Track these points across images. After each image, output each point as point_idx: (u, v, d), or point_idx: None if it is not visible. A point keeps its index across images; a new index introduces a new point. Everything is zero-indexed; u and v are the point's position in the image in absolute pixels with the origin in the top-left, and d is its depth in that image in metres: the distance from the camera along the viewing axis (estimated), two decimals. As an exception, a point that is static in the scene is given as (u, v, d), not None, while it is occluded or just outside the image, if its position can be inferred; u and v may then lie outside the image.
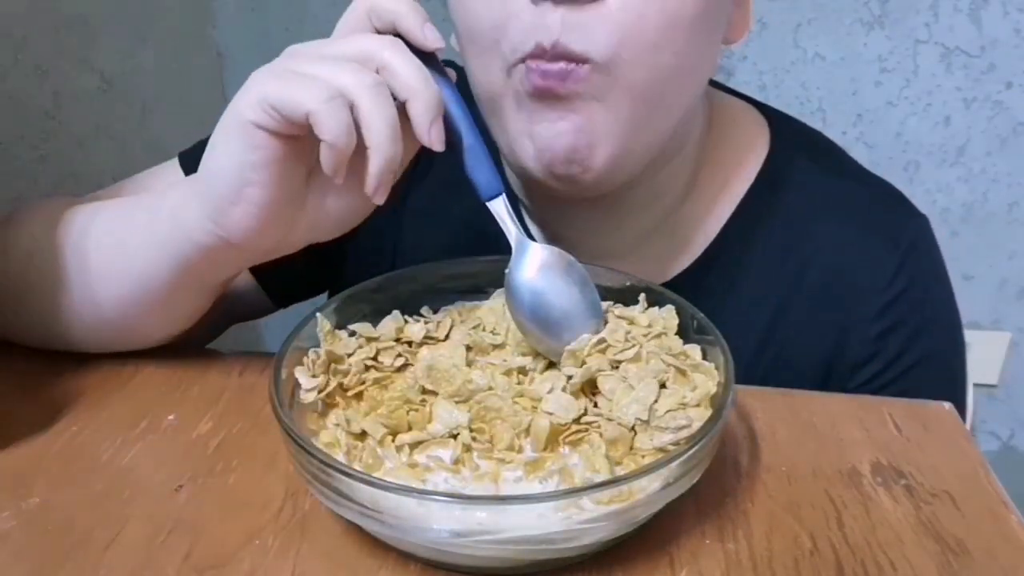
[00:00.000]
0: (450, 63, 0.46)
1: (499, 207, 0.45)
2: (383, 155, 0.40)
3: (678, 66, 0.47)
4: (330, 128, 0.39)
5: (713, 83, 0.61)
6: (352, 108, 0.40)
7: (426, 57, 0.43)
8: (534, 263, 0.44)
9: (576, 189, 0.51)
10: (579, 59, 0.45)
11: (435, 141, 0.41)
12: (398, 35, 0.43)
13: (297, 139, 0.41)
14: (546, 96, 0.46)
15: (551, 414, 0.40)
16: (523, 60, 0.46)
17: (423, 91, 0.41)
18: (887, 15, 1.15)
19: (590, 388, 0.42)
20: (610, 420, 0.40)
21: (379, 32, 0.43)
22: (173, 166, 0.61)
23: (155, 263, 0.47)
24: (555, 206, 0.58)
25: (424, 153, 0.43)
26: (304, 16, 1.25)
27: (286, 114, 0.40)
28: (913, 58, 1.17)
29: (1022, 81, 1.17)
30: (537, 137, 0.48)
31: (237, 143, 0.41)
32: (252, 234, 0.44)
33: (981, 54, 1.16)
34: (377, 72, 0.41)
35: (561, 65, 0.45)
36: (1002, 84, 1.17)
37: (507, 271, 0.45)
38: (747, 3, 0.53)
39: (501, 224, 0.45)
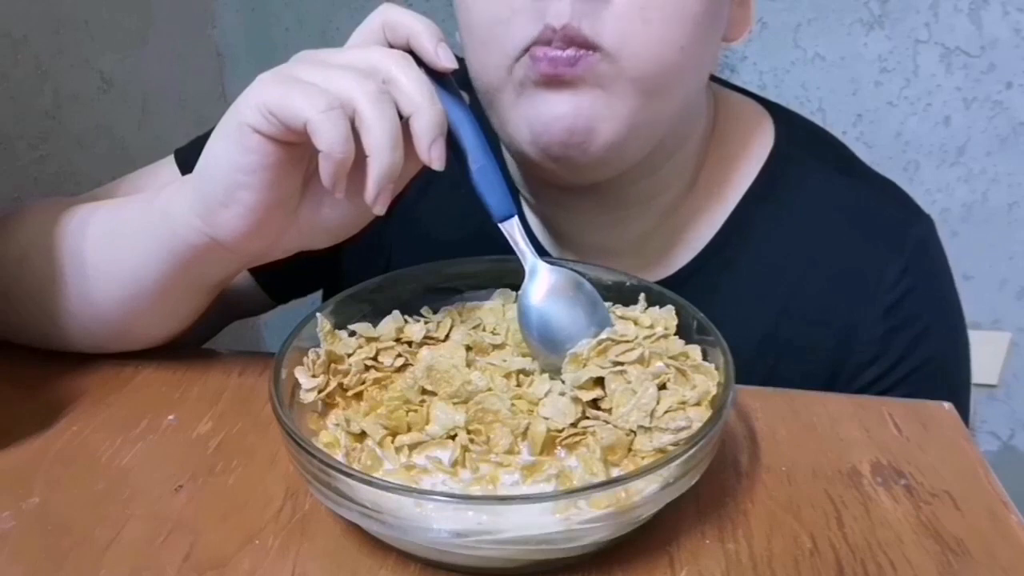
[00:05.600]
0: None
1: (511, 229, 0.45)
2: (382, 162, 0.39)
3: (682, 60, 0.47)
4: (327, 138, 0.38)
5: (718, 79, 0.61)
6: (353, 117, 0.39)
7: (440, 78, 0.43)
8: (543, 287, 0.45)
9: (573, 173, 0.50)
10: (590, 45, 0.45)
11: (435, 160, 0.41)
12: (412, 53, 0.43)
13: (295, 146, 0.41)
14: (552, 82, 0.46)
15: (547, 419, 0.40)
16: (528, 49, 0.46)
17: (427, 108, 0.40)
18: (887, 15, 1.15)
19: (592, 387, 0.42)
20: (607, 424, 0.40)
21: (393, 48, 0.43)
22: (169, 164, 0.61)
23: (147, 261, 0.47)
24: (558, 201, 0.57)
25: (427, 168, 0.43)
26: (304, 16, 1.24)
27: (284, 121, 0.39)
28: (913, 58, 1.17)
29: (1022, 81, 1.17)
30: (536, 119, 0.47)
31: (233, 145, 0.41)
32: (241, 236, 0.44)
33: (981, 54, 1.16)
34: (384, 84, 0.40)
35: (570, 52, 0.45)
36: (1002, 84, 1.17)
37: (519, 293, 0.45)
38: (748, 1, 0.53)
39: (513, 246, 0.45)
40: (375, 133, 0.39)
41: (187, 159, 0.59)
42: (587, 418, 0.40)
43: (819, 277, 0.58)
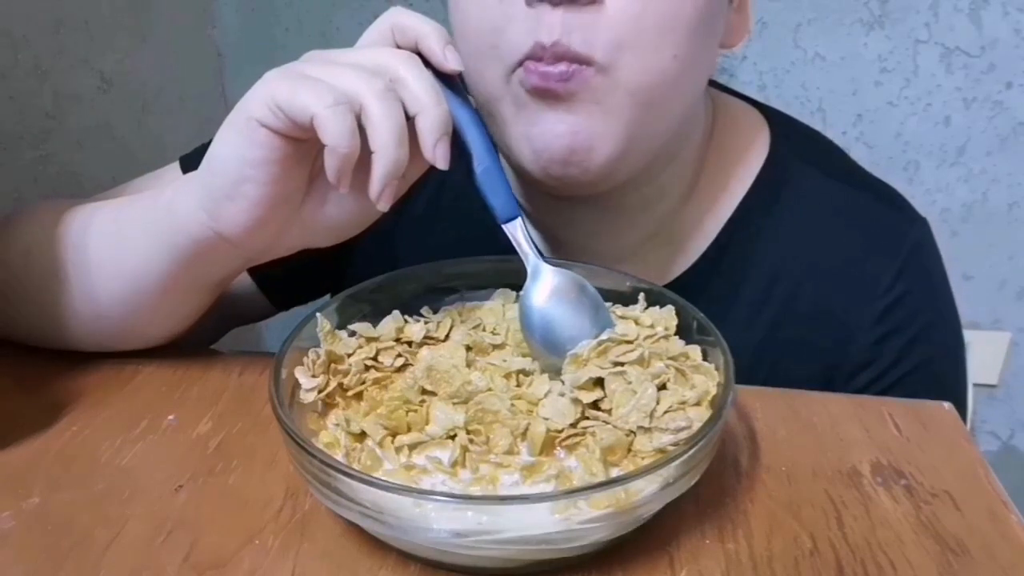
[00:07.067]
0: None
1: (515, 230, 0.45)
2: (387, 158, 0.40)
3: (676, 69, 0.47)
4: (333, 133, 0.39)
5: (715, 84, 0.61)
6: (359, 114, 0.40)
7: (447, 80, 0.44)
8: (546, 289, 0.45)
9: (573, 189, 0.51)
10: (582, 60, 0.45)
11: (439, 159, 0.41)
12: (420, 55, 0.43)
13: (301, 142, 0.42)
14: (546, 96, 0.46)
15: (547, 419, 0.40)
16: (521, 63, 0.46)
17: (433, 108, 0.41)
18: (887, 15, 1.15)
19: (592, 388, 0.42)
20: (607, 424, 0.39)
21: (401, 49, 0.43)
22: (173, 169, 0.61)
23: (151, 257, 0.47)
24: (556, 210, 0.58)
25: (431, 169, 0.43)
26: (304, 16, 1.25)
27: (291, 115, 0.40)
28: (913, 58, 1.17)
29: (1022, 81, 1.17)
30: (535, 139, 0.48)
31: (240, 138, 0.42)
32: (244, 231, 0.44)
33: (981, 54, 1.16)
34: (391, 83, 0.41)
35: (562, 67, 0.45)
36: (1002, 84, 1.17)
37: (521, 294, 0.45)
38: (746, 8, 0.53)
39: (516, 247, 0.45)
40: (380, 130, 0.39)
41: (192, 165, 0.59)
42: (587, 419, 0.40)
43: (816, 280, 0.58)
